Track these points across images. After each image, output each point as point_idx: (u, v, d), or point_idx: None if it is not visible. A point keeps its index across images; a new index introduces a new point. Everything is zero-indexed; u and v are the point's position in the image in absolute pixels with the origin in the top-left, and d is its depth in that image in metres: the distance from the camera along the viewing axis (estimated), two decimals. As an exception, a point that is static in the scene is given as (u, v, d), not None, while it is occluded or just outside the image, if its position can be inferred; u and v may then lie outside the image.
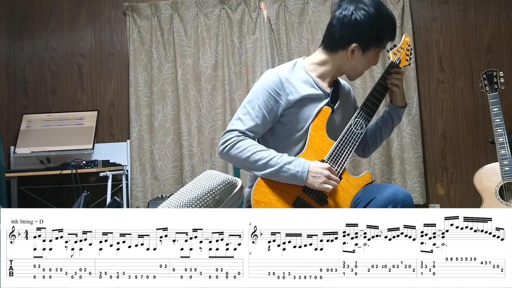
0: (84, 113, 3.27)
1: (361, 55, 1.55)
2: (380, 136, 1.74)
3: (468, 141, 3.11)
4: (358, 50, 1.53)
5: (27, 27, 3.50)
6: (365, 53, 1.54)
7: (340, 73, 1.63)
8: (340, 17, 1.53)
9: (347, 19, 1.51)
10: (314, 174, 1.41)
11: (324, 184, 1.41)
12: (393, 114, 1.69)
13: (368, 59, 1.57)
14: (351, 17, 1.50)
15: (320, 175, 1.41)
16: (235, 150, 1.45)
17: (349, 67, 1.59)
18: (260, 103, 1.51)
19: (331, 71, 1.60)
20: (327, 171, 1.43)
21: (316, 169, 1.42)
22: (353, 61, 1.56)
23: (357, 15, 1.50)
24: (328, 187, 1.42)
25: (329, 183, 1.42)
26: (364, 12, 1.49)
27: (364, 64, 1.59)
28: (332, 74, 1.62)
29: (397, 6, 3.12)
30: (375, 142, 1.76)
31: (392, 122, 1.71)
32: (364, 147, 1.79)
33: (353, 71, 1.61)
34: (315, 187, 1.42)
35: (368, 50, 1.54)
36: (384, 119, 1.72)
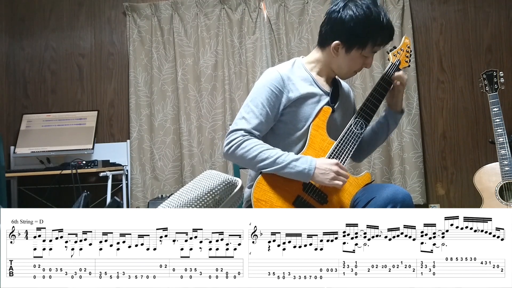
0: (84, 113, 3.27)
1: (345, 54, 1.54)
2: (375, 141, 1.72)
3: (468, 141, 3.11)
4: (341, 48, 1.53)
5: (27, 27, 3.50)
6: (348, 52, 1.53)
7: (331, 71, 1.62)
8: (329, 12, 1.54)
9: (333, 15, 1.51)
10: (322, 171, 1.41)
11: (334, 181, 1.41)
12: (390, 120, 1.67)
13: (352, 59, 1.54)
14: (338, 14, 1.50)
15: (329, 171, 1.41)
16: (241, 150, 1.45)
17: (335, 65, 1.58)
18: (263, 100, 1.50)
19: (324, 68, 1.61)
20: (336, 167, 1.42)
21: (324, 166, 1.42)
22: (337, 58, 1.55)
23: (343, 14, 1.49)
24: (338, 183, 1.41)
25: (338, 179, 1.41)
26: (351, 12, 1.48)
27: (350, 64, 1.56)
28: (326, 72, 1.62)
29: (397, 6, 3.12)
30: (369, 148, 1.74)
31: (388, 128, 1.68)
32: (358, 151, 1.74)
33: (339, 69, 1.59)
34: (325, 184, 1.42)
35: (351, 50, 1.52)
36: (380, 124, 1.70)
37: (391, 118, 1.67)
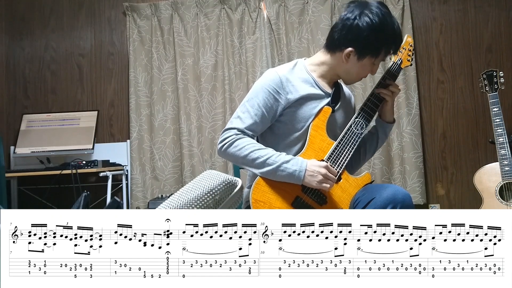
0: (84, 113, 3.27)
1: (356, 61, 1.54)
2: (364, 152, 1.69)
3: (468, 141, 3.11)
4: (354, 55, 1.53)
5: (27, 27, 3.50)
6: (360, 59, 1.53)
7: (336, 75, 1.62)
8: (344, 18, 1.53)
9: (349, 22, 1.51)
10: (311, 173, 1.41)
11: (321, 183, 1.41)
12: (379, 129, 1.66)
13: (363, 66, 1.55)
14: (354, 21, 1.50)
15: (317, 173, 1.41)
16: (233, 148, 1.46)
17: (343, 70, 1.58)
18: (260, 101, 1.51)
19: (329, 72, 1.61)
20: (324, 170, 1.42)
21: (313, 168, 1.42)
22: (347, 64, 1.55)
23: (360, 21, 1.49)
24: (326, 186, 1.41)
25: (326, 182, 1.41)
26: (368, 20, 1.48)
27: (359, 71, 1.57)
28: (330, 75, 1.62)
29: (397, 6, 3.12)
30: (359, 159, 1.69)
31: (377, 139, 1.67)
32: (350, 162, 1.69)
33: (347, 75, 1.60)
34: (312, 186, 1.42)
35: (364, 58, 1.53)
36: (370, 134, 1.69)
37: (381, 128, 1.66)
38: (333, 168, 1.47)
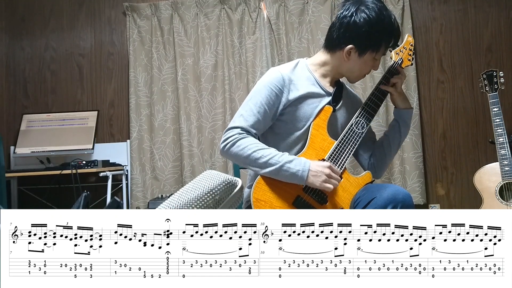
0: (84, 113, 3.27)
1: (358, 58, 1.54)
2: (388, 145, 1.66)
3: (468, 141, 3.11)
4: (354, 52, 1.53)
5: (27, 27, 3.50)
6: (361, 56, 1.53)
7: (338, 74, 1.62)
8: (341, 17, 1.53)
9: (346, 20, 1.51)
10: (314, 173, 1.41)
11: (324, 183, 1.41)
12: (399, 120, 1.65)
13: (365, 62, 1.55)
14: (351, 18, 1.50)
15: (320, 174, 1.41)
16: (236, 148, 1.45)
17: (346, 69, 1.59)
18: (262, 99, 1.51)
19: (331, 71, 1.61)
20: (327, 170, 1.42)
21: (316, 168, 1.41)
22: (349, 62, 1.56)
23: (357, 18, 1.49)
24: (329, 186, 1.41)
25: (329, 182, 1.41)
26: (365, 15, 1.48)
27: (361, 67, 1.57)
28: (332, 75, 1.62)
29: (397, 6, 3.12)
30: (384, 154, 1.66)
31: (399, 128, 1.65)
32: (372, 158, 1.69)
33: (350, 72, 1.60)
34: (316, 186, 1.42)
35: (365, 53, 1.53)
36: (391, 126, 1.69)
37: (398, 116, 1.66)
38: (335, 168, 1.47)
